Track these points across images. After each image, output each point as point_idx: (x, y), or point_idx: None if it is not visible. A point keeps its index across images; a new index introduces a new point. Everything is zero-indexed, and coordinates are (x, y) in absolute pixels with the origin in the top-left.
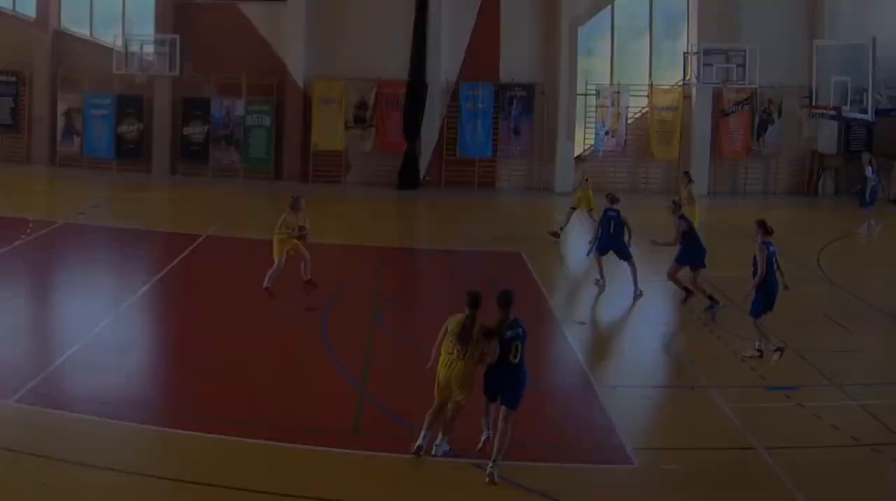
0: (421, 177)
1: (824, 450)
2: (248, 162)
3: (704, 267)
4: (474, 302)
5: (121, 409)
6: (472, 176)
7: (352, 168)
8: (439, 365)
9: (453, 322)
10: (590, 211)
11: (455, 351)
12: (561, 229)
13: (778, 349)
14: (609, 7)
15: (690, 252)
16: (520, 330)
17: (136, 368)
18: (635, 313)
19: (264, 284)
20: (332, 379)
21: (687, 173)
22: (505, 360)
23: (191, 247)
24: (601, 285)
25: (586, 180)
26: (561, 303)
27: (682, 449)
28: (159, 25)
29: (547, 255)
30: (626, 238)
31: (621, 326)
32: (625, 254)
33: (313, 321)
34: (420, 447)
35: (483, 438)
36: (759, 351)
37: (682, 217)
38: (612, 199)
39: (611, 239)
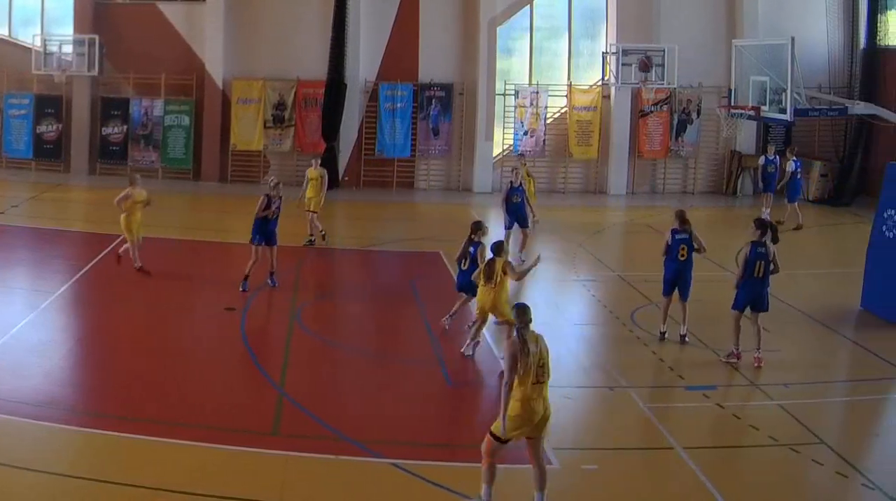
0: (340, 177)
1: (743, 450)
2: (167, 162)
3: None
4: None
5: (39, 409)
6: (391, 176)
7: (271, 168)
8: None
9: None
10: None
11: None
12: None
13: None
14: (528, 7)
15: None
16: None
17: (54, 368)
18: (555, 313)
19: (135, 265)
20: (251, 379)
21: (522, 155)
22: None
23: (110, 247)
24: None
25: (527, 173)
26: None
27: (602, 449)
28: (78, 25)
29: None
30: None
31: (541, 326)
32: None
33: (232, 320)
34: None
35: None
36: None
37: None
38: (683, 220)
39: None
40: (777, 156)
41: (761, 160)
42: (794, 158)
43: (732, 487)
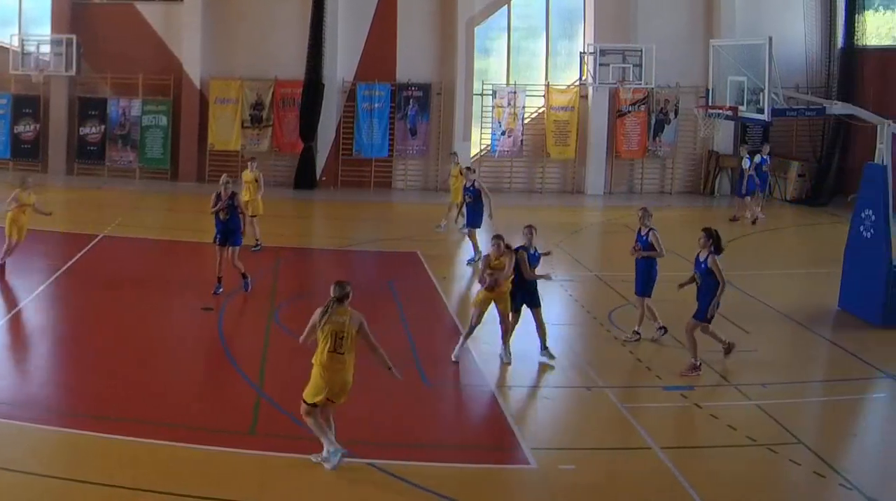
0: (317, 177)
1: (721, 450)
2: (144, 162)
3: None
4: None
5: (15, 408)
6: (369, 176)
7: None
8: None
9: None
10: (457, 204)
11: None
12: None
13: (696, 366)
14: (505, 7)
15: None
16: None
17: (32, 368)
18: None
19: None
20: (228, 379)
21: (454, 153)
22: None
23: (87, 247)
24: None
25: (460, 171)
26: (458, 303)
27: (580, 450)
28: (55, 25)
29: (443, 255)
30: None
31: (519, 326)
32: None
33: (210, 321)
34: None
35: None
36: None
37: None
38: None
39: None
40: (770, 157)
41: (757, 159)
42: (747, 156)
43: (710, 487)
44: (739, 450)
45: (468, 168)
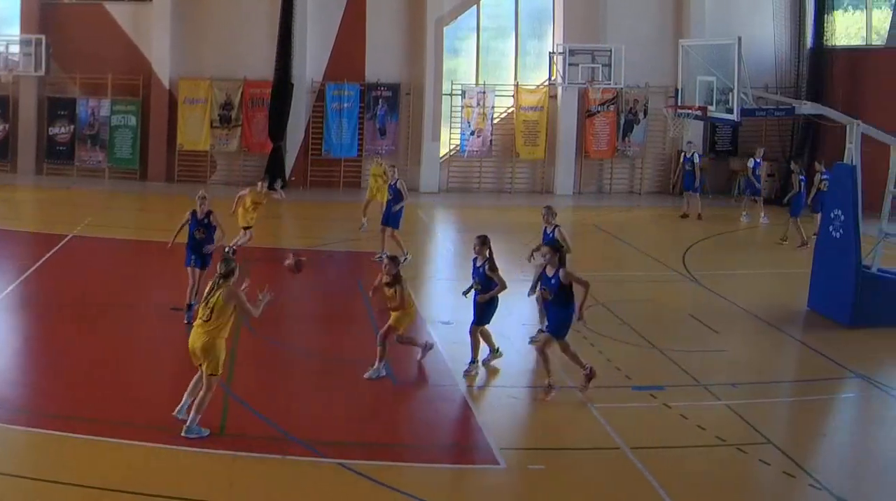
0: (286, 176)
1: (690, 450)
2: (113, 162)
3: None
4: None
5: None
6: (338, 175)
7: (217, 168)
8: None
9: None
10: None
11: None
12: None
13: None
14: (474, 7)
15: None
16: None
17: (1, 368)
18: (503, 313)
19: None
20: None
21: (378, 153)
22: None
23: (57, 247)
24: None
25: (384, 171)
26: (426, 303)
27: (549, 449)
28: (24, 25)
29: (413, 255)
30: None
31: (490, 326)
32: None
33: (178, 321)
34: None
35: None
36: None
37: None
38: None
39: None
40: (762, 161)
41: (749, 163)
42: (687, 154)
43: (679, 487)
44: (709, 450)
45: (392, 166)
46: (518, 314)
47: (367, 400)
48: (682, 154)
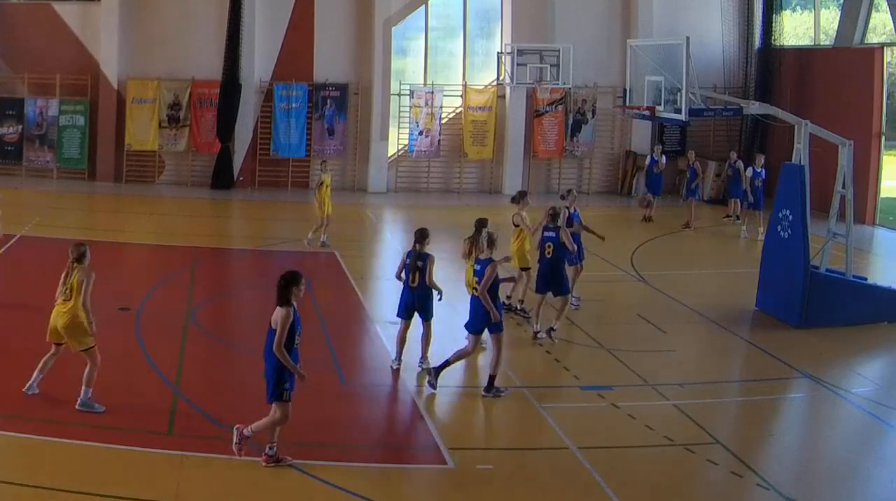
0: (235, 177)
1: (638, 450)
2: (62, 162)
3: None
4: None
5: None
6: (286, 176)
7: (166, 168)
8: None
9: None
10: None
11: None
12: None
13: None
14: (423, 7)
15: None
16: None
17: None
18: (451, 312)
19: None
20: (145, 379)
21: (324, 161)
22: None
23: (4, 247)
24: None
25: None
26: (375, 303)
27: (498, 449)
28: None
29: (361, 256)
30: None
31: (436, 326)
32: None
33: (127, 321)
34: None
35: None
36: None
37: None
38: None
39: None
40: (763, 170)
41: (748, 173)
42: (653, 155)
43: (628, 487)
44: (657, 450)
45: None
46: (464, 312)
47: (315, 401)
48: (649, 155)
